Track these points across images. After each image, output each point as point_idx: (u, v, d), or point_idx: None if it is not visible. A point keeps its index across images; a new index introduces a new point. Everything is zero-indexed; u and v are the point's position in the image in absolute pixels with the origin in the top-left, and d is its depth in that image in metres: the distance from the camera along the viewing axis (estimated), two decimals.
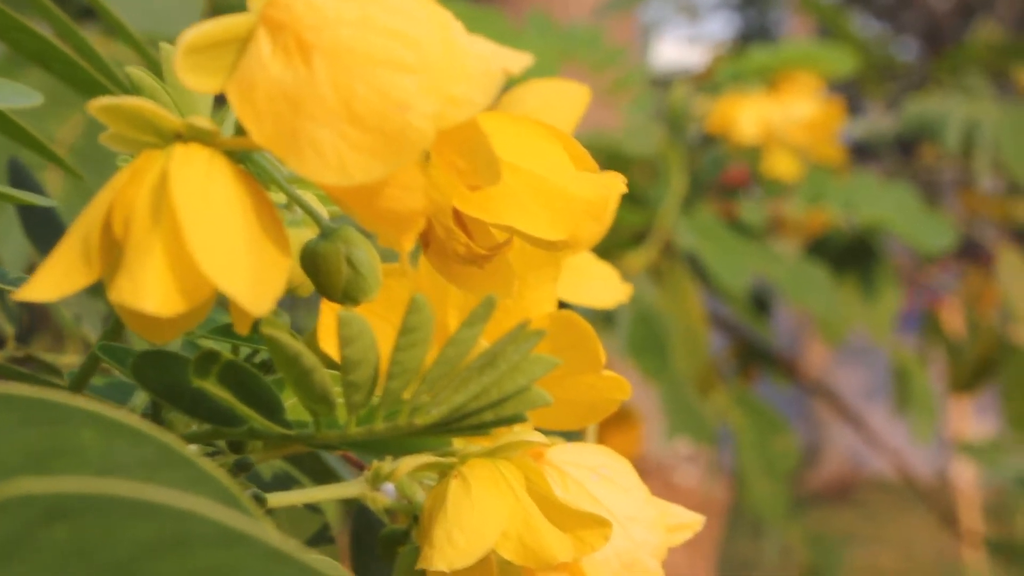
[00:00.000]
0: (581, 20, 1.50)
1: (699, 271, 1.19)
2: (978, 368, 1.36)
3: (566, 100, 0.42)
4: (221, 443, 0.37)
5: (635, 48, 2.70)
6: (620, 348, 1.01)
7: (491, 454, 0.36)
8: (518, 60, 0.28)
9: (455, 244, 0.32)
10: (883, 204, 1.22)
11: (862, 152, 1.59)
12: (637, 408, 1.23)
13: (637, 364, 1.02)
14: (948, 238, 1.20)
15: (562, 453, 0.37)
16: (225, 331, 0.36)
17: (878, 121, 1.44)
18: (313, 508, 0.42)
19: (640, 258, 1.14)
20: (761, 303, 1.23)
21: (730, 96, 1.27)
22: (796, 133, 1.24)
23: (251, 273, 0.27)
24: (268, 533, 0.23)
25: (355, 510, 0.42)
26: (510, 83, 0.31)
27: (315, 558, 0.34)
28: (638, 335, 1.01)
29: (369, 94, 0.27)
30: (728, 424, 1.15)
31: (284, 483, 0.43)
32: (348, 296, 0.32)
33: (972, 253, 1.37)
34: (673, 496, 1.59)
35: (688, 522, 0.40)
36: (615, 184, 0.35)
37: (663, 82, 1.79)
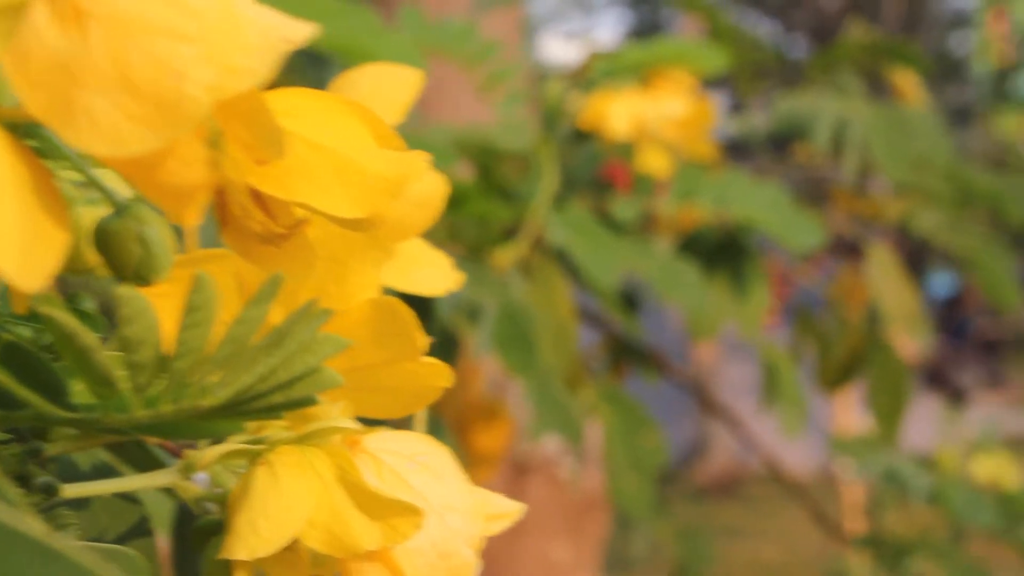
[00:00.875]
0: (458, 15, 1.50)
1: (570, 267, 1.19)
2: (846, 365, 1.38)
3: (398, 84, 0.42)
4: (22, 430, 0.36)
5: (523, 44, 2.71)
6: (484, 343, 1.01)
7: (301, 441, 0.35)
8: (300, 30, 0.28)
9: (251, 222, 0.31)
10: (754, 202, 1.23)
11: (738, 150, 1.61)
12: (506, 403, 1.23)
13: (502, 359, 1.02)
14: (817, 236, 1.21)
15: (379, 441, 0.37)
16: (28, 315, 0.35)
17: (752, 119, 1.45)
18: (131, 500, 0.41)
19: (510, 253, 1.14)
20: (631, 300, 1.24)
21: (602, 92, 1.27)
22: (668, 130, 1.24)
23: (22, 248, 0.26)
24: (31, 526, 0.22)
25: (179, 502, 0.41)
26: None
27: (114, 550, 0.34)
28: (503, 330, 1.01)
29: (145, 63, 0.26)
30: (596, 419, 1.16)
31: (105, 474, 0.42)
32: (139, 275, 0.31)
33: (843, 250, 1.40)
34: (557, 491, 1.60)
35: (508, 511, 0.40)
36: (415, 162, 0.34)
37: (549, 78, 1.79)
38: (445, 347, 1.06)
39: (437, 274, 0.43)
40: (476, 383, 1.19)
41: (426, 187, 0.39)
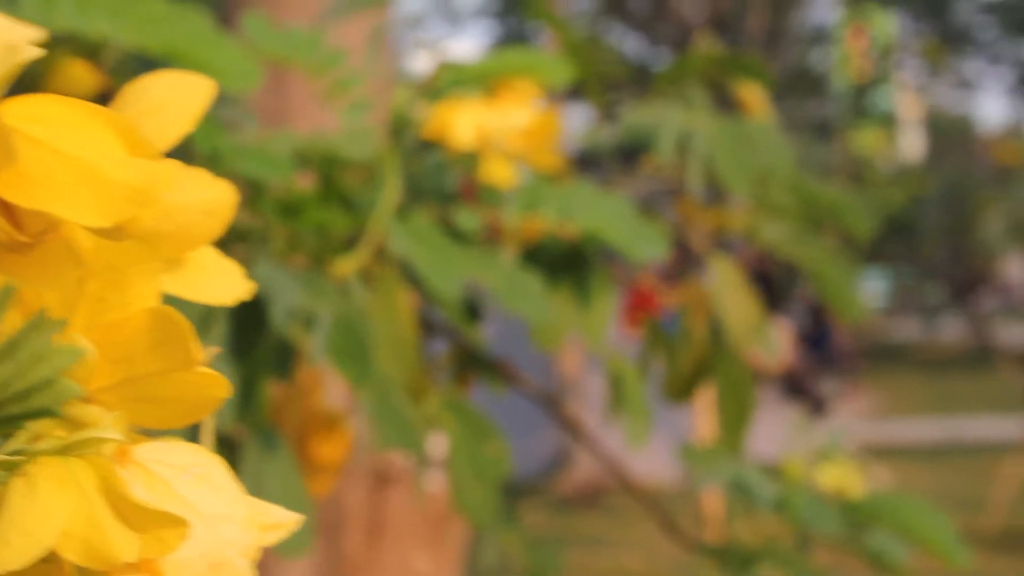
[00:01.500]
0: (314, 22, 1.48)
1: (413, 277, 1.19)
2: (691, 375, 1.40)
3: (189, 93, 0.41)
4: None
5: (379, 52, 2.69)
6: (318, 353, 1.01)
7: (64, 451, 0.35)
8: (25, 35, 0.27)
9: None
10: (598, 213, 1.24)
11: (586, 162, 1.62)
12: (344, 413, 1.23)
13: (338, 370, 1.02)
14: (661, 248, 1.22)
15: (150, 451, 0.36)
16: None
17: (599, 130, 1.47)
18: None
19: (350, 263, 1.13)
20: (474, 310, 1.24)
21: (448, 102, 1.28)
22: (513, 141, 1.25)
23: None
24: None
25: None
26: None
27: None
28: (339, 340, 1.01)
29: None
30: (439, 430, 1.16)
31: None
32: None
33: (687, 261, 1.42)
34: (434, 502, 1.58)
35: (283, 521, 0.40)
36: (165, 171, 0.34)
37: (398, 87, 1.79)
38: (281, 357, 1.05)
39: (226, 283, 0.42)
40: (316, 393, 1.18)
41: (213, 195, 0.39)
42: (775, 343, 1.38)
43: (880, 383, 19.85)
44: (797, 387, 15.53)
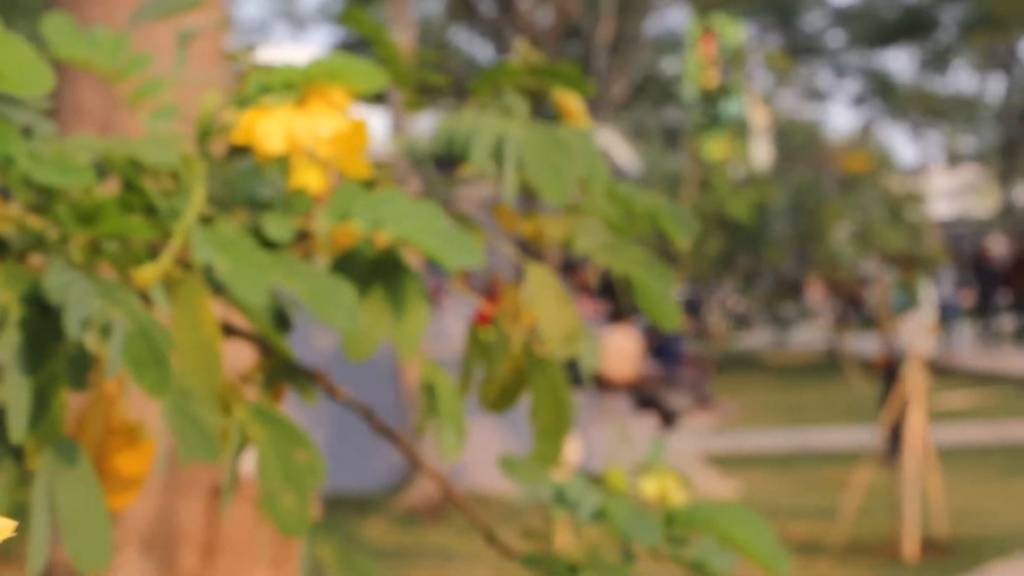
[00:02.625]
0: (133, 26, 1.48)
1: (219, 285, 1.19)
2: (508, 384, 1.43)
3: None
4: None
5: (218, 57, 2.68)
6: (115, 362, 1.00)
7: None
8: None
9: None
10: (411, 221, 1.26)
11: (405, 167, 1.64)
12: (146, 425, 1.22)
13: (136, 380, 1.02)
14: (475, 256, 1.24)
15: None
16: None
17: (415, 137, 1.49)
18: None
19: (152, 271, 1.13)
20: (284, 318, 1.25)
21: (257, 108, 1.28)
22: (323, 147, 1.26)
23: None
24: None
25: None
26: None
27: None
28: (136, 349, 1.01)
29: None
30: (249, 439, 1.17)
31: None
32: None
33: (505, 269, 1.44)
34: (260, 514, 1.58)
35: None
36: None
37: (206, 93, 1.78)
38: (77, 366, 1.05)
39: None
40: (117, 405, 1.18)
41: None
42: (592, 353, 1.41)
43: (733, 393, 20.20)
44: (647, 398, 15.74)
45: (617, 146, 24.83)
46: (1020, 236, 32.91)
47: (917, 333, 9.64)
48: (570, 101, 1.50)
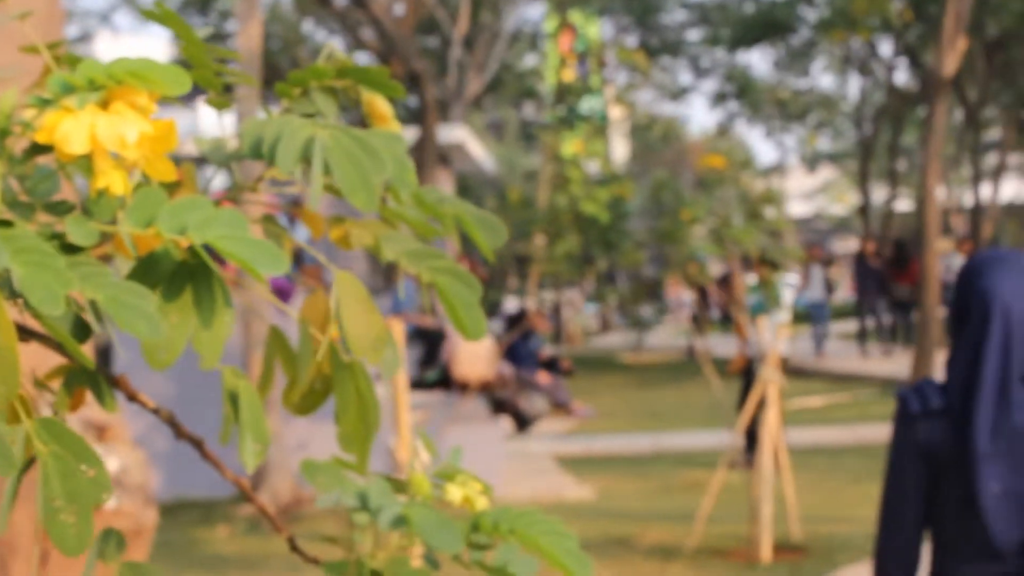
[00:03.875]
0: None
1: (16, 291, 1.20)
2: (312, 388, 1.46)
3: None
4: None
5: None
6: None
7: None
8: None
9: None
10: (215, 227, 1.28)
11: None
12: None
13: None
14: (282, 265, 1.27)
15: None
16: None
17: (222, 139, 1.51)
18: None
19: None
20: (83, 325, 1.26)
21: (60, 108, 1.29)
22: (127, 150, 1.28)
23: None
24: None
25: None
26: None
27: None
28: None
29: None
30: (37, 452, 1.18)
31: None
32: None
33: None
34: (102, 521, 1.59)
35: None
36: None
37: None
38: None
39: None
40: None
41: None
42: (395, 360, 1.45)
43: (589, 395, 20.40)
44: (502, 401, 15.84)
45: (472, 143, 24.93)
46: (879, 237, 33.72)
47: (774, 334, 9.85)
48: (379, 104, 1.54)
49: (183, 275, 1.33)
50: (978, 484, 3.01)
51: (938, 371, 19.15)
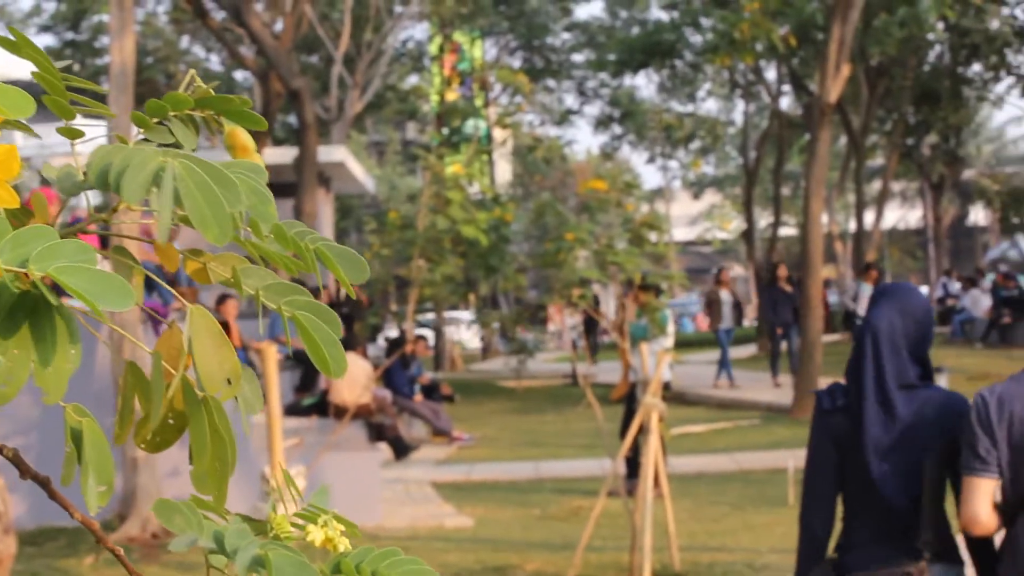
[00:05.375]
0: None
1: None
2: (166, 424, 1.43)
3: None
4: None
5: None
6: None
7: None
8: None
9: None
10: (58, 258, 1.25)
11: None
12: None
13: None
14: (128, 300, 1.24)
15: None
16: None
17: (72, 168, 1.48)
18: None
19: None
20: None
21: None
22: None
23: None
24: None
25: None
26: None
27: None
28: None
29: None
30: None
31: None
32: None
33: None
34: None
35: None
36: None
37: None
38: None
39: None
40: None
41: None
42: (255, 396, 1.43)
43: (470, 421, 20.39)
44: (380, 428, 15.75)
45: (353, 163, 24.83)
46: (764, 262, 34.15)
47: (657, 360, 9.91)
48: (240, 135, 1.52)
49: (23, 308, 1.30)
50: (871, 464, 4.08)
51: None
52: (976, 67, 29.05)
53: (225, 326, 16.39)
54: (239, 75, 36.43)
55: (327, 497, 1.56)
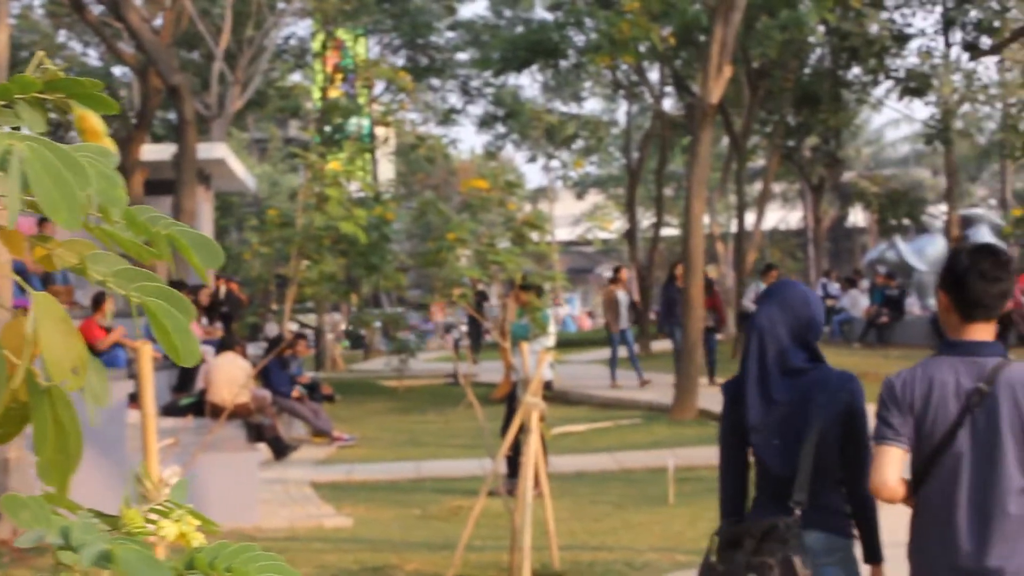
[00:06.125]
0: None
1: None
2: (9, 414, 1.40)
3: None
4: None
5: None
6: None
7: None
8: None
9: None
10: None
11: None
12: None
13: None
14: None
15: None
16: None
17: None
18: None
19: None
20: None
21: None
22: None
23: None
24: None
25: None
26: None
27: None
28: None
29: None
30: None
31: None
32: None
33: None
34: None
35: None
36: None
37: None
38: None
39: None
40: None
41: None
42: (101, 387, 1.40)
43: (351, 421, 20.28)
44: (258, 427, 15.62)
45: (234, 161, 24.60)
46: (646, 263, 34.41)
47: (538, 360, 9.93)
48: (91, 119, 1.49)
49: None
50: (755, 441, 4.77)
51: (702, 394, 19.62)
52: (856, 70, 29.49)
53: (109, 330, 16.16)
54: (118, 70, 35.91)
55: (185, 492, 1.54)
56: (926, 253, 31.10)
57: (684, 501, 12.53)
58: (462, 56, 38.33)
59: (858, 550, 4.73)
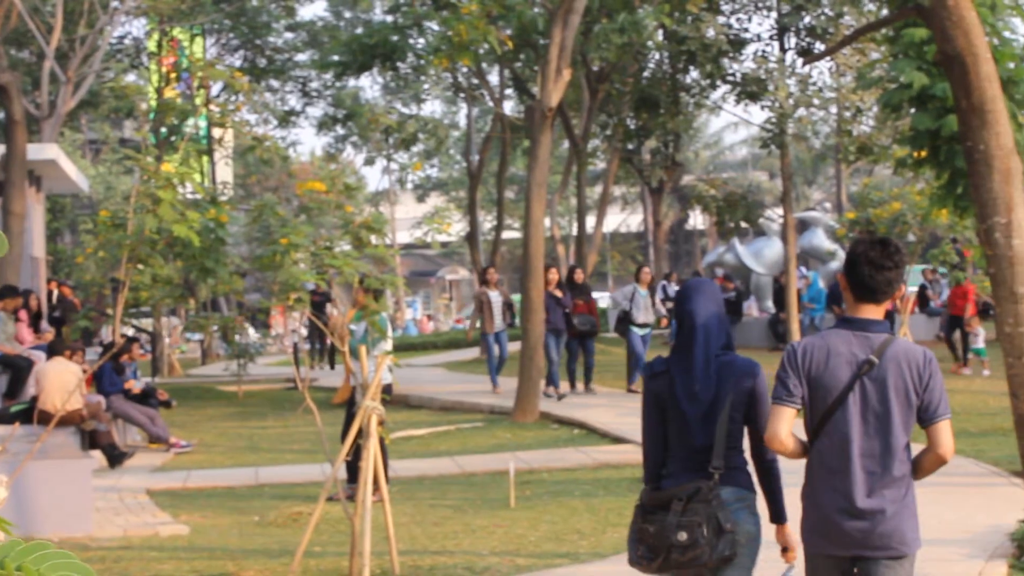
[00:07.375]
0: None
1: None
2: None
3: None
4: None
5: None
6: None
7: None
8: None
9: None
10: None
11: None
12: None
13: None
14: None
15: None
16: None
17: None
18: None
19: None
20: None
21: None
22: None
23: None
24: None
25: None
26: None
27: None
28: None
29: None
30: None
31: None
32: None
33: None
34: None
35: None
36: None
37: None
38: None
39: None
40: None
41: None
42: None
43: (188, 427, 19.99)
44: (92, 434, 15.31)
45: (65, 162, 24.10)
46: (486, 265, 34.46)
47: (377, 364, 9.89)
48: None
49: None
50: (686, 412, 5.53)
51: (542, 400, 19.69)
52: (694, 74, 29.85)
53: None
54: None
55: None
56: (763, 256, 31.62)
57: (525, 504, 12.57)
58: (301, 57, 38.02)
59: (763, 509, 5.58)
